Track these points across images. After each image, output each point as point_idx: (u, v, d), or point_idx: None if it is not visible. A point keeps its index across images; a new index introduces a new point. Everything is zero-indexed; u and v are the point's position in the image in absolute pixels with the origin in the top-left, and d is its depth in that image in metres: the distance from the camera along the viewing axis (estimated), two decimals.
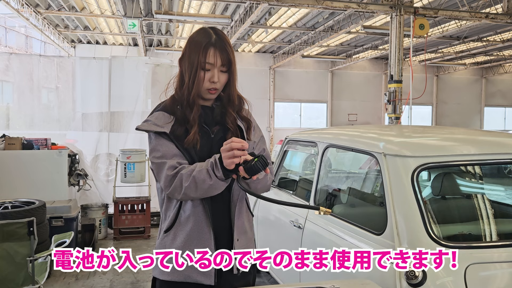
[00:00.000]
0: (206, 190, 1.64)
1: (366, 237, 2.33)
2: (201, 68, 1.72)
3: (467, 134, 2.82)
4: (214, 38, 1.73)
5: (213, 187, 1.63)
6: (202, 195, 1.67)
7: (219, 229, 1.76)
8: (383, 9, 10.30)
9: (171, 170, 1.67)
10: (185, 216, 1.74)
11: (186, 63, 1.76)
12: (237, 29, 13.54)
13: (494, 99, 25.14)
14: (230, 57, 1.74)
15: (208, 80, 1.73)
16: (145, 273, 4.71)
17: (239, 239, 1.78)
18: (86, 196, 6.45)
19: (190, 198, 1.69)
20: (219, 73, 1.74)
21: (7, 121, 8.14)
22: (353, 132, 3.22)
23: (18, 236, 2.89)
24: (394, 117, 10.20)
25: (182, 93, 1.77)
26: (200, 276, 1.70)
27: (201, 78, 1.73)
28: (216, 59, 1.71)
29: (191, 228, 1.72)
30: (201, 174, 1.61)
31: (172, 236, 1.75)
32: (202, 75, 1.73)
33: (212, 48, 1.71)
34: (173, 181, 1.66)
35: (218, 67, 1.73)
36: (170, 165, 1.68)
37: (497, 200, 3.05)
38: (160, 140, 1.73)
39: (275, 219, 3.64)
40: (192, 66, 1.72)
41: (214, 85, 1.74)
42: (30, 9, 12.44)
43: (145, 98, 8.03)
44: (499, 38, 16.32)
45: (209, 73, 1.73)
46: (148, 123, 1.77)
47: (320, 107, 22.93)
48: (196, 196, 1.67)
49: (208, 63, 1.71)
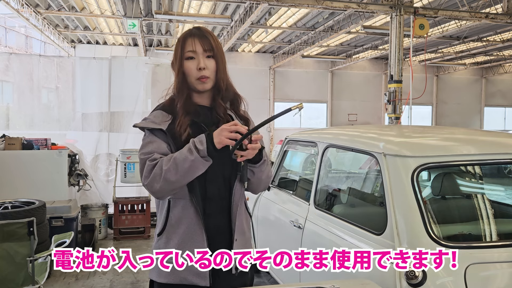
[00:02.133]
0: (186, 170, 1.59)
1: (366, 237, 2.33)
2: (184, 58, 1.74)
3: (467, 134, 2.82)
4: (193, 30, 1.77)
5: (194, 165, 1.59)
6: (182, 178, 1.62)
7: (215, 229, 1.75)
8: (383, 9, 10.31)
9: (152, 161, 1.67)
10: (176, 219, 1.73)
11: (174, 64, 1.79)
12: (237, 29, 13.54)
13: (494, 99, 25.13)
14: (211, 42, 1.75)
15: (195, 68, 1.73)
16: (145, 273, 4.71)
17: (237, 239, 1.77)
18: (86, 196, 6.45)
19: (170, 185, 1.63)
20: (205, 59, 1.74)
21: (7, 121, 8.13)
22: (353, 132, 3.22)
23: (18, 236, 2.89)
24: (394, 117, 10.20)
25: (176, 91, 1.78)
26: (195, 278, 1.70)
27: (188, 68, 1.74)
28: (195, 46, 1.73)
29: (184, 230, 1.71)
30: (182, 153, 1.61)
31: (165, 239, 1.75)
32: (189, 65, 1.74)
33: (190, 38, 1.75)
34: (153, 170, 1.64)
35: (201, 53, 1.74)
36: (154, 157, 1.68)
37: (497, 200, 3.05)
38: (153, 138, 1.73)
39: (275, 219, 3.64)
40: (176, 60, 1.76)
41: (203, 72, 1.73)
42: (30, 9, 12.43)
43: (145, 98, 8.04)
44: (499, 38, 16.32)
45: (194, 61, 1.74)
46: (146, 121, 1.78)
47: (320, 107, 22.93)
48: (176, 180, 1.61)
49: (190, 51, 1.73)
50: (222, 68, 1.78)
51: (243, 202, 1.85)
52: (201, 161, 1.59)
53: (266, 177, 1.82)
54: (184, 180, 1.63)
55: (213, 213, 1.75)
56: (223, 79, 1.79)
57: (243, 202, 1.85)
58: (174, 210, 1.74)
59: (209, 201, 1.74)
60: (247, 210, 1.90)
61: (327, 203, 3.08)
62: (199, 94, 1.80)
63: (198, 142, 1.60)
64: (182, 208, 1.73)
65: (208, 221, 1.73)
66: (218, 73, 1.78)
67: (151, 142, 1.72)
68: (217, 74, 1.78)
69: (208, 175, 1.70)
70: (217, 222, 1.76)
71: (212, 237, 1.74)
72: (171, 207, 1.75)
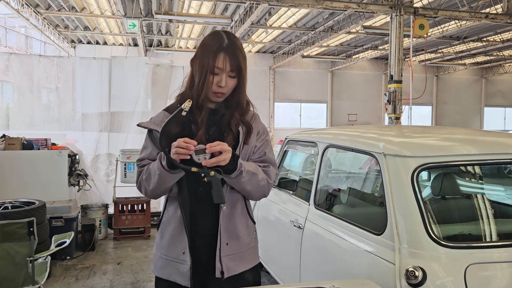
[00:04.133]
0: (157, 182, 1.70)
1: (366, 237, 2.33)
2: (211, 72, 1.72)
3: (467, 134, 2.82)
4: (226, 43, 1.73)
5: (161, 178, 1.67)
6: (157, 188, 1.72)
7: (204, 232, 1.77)
8: (383, 9, 10.31)
9: (141, 167, 1.78)
10: (167, 218, 1.83)
11: (197, 65, 1.77)
12: (237, 29, 13.55)
13: (494, 99, 25.15)
14: (240, 63, 1.74)
15: (215, 84, 1.73)
16: (145, 273, 4.71)
17: (229, 243, 1.76)
18: (86, 196, 6.45)
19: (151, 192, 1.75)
20: (227, 78, 1.74)
21: (7, 121, 8.13)
22: (353, 132, 3.22)
23: (18, 236, 2.88)
24: (394, 117, 10.21)
25: (192, 94, 1.77)
26: (178, 276, 1.77)
27: (210, 82, 1.73)
28: (225, 64, 1.72)
29: (172, 229, 1.80)
30: (154, 165, 1.70)
31: (160, 235, 1.85)
32: (211, 79, 1.73)
33: (222, 53, 1.71)
34: (139, 176, 1.78)
35: (227, 72, 1.73)
36: (143, 164, 1.78)
37: (497, 200, 3.05)
38: (147, 143, 1.82)
39: (275, 219, 3.64)
40: (202, 69, 1.73)
41: (221, 89, 1.74)
42: (30, 9, 12.44)
43: (145, 98, 8.04)
44: (499, 38, 16.33)
45: (217, 77, 1.73)
46: (149, 121, 1.84)
47: (320, 107, 22.94)
48: (152, 189, 1.73)
49: (217, 67, 1.72)
50: (243, 86, 1.80)
51: (241, 206, 1.82)
52: (167, 174, 1.66)
53: (254, 188, 1.75)
54: (161, 189, 1.74)
55: (203, 215, 1.78)
56: (242, 97, 1.81)
57: (241, 206, 1.82)
58: (168, 209, 1.84)
59: (201, 203, 1.77)
60: (249, 215, 1.88)
61: (327, 203, 3.08)
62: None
63: (162, 159, 1.66)
64: (174, 208, 1.80)
65: (198, 222, 1.78)
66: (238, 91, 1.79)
67: (145, 148, 1.82)
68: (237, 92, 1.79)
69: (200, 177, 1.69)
70: (206, 223, 1.77)
71: (201, 238, 1.77)
72: (167, 205, 1.85)
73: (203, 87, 1.73)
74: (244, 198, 1.84)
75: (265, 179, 1.78)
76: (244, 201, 1.84)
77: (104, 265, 4.99)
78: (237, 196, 1.80)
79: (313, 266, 2.81)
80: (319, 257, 2.74)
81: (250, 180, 1.72)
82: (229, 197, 1.78)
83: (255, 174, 1.73)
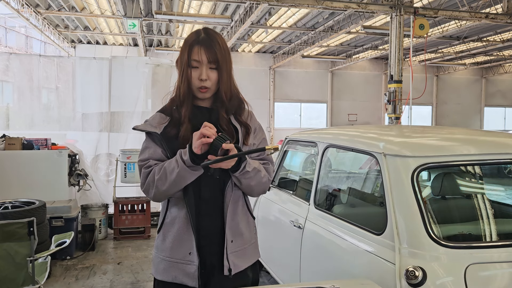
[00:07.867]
0: (174, 181, 1.65)
1: (366, 237, 2.33)
2: (188, 65, 1.73)
3: (467, 134, 2.82)
4: (202, 36, 1.75)
5: (181, 175, 1.64)
6: (172, 187, 1.67)
7: (209, 231, 1.77)
8: (383, 9, 10.31)
9: (147, 168, 1.73)
10: (171, 218, 1.79)
11: (178, 63, 1.79)
12: (237, 29, 13.55)
13: (494, 99, 25.15)
14: (217, 55, 1.72)
15: (197, 78, 1.73)
16: (145, 273, 4.71)
17: (233, 240, 1.77)
18: (86, 196, 6.45)
19: (163, 193, 1.70)
20: (208, 71, 1.73)
21: (7, 121, 8.13)
22: (353, 132, 3.22)
23: (18, 236, 2.89)
24: (394, 117, 10.20)
25: (177, 93, 1.79)
26: (185, 277, 1.74)
27: (189, 76, 1.73)
28: (201, 56, 1.72)
29: (176, 230, 1.76)
30: (171, 163, 1.66)
31: (162, 237, 1.81)
32: (189, 72, 1.73)
33: (197, 45, 1.72)
34: (147, 177, 1.71)
35: (206, 64, 1.73)
36: (149, 164, 1.73)
37: (497, 200, 3.05)
38: (150, 143, 1.77)
39: (275, 219, 3.64)
40: (182, 64, 1.75)
41: (204, 83, 1.73)
42: (30, 9, 12.44)
43: (145, 98, 8.04)
44: (499, 38, 16.33)
45: (197, 71, 1.73)
46: (145, 123, 1.82)
47: (320, 107, 22.94)
48: (166, 189, 1.68)
49: (194, 60, 1.72)
50: (225, 79, 1.76)
51: (242, 204, 1.84)
52: (187, 171, 1.63)
53: (257, 184, 1.77)
54: (175, 189, 1.69)
55: (207, 214, 1.77)
56: (225, 91, 1.77)
57: (242, 203, 1.84)
58: (171, 210, 1.80)
59: (204, 202, 1.76)
60: (249, 211, 1.89)
61: (327, 203, 3.08)
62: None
63: (183, 153, 1.63)
64: (178, 208, 1.77)
65: (202, 222, 1.76)
66: (220, 84, 1.76)
67: (148, 148, 1.77)
68: (220, 85, 1.76)
69: (202, 177, 1.70)
70: (210, 223, 1.77)
71: (205, 238, 1.76)
72: (169, 206, 1.81)
73: (183, 82, 1.74)
74: (244, 195, 1.85)
75: (266, 176, 1.81)
76: (244, 198, 1.86)
77: (104, 265, 4.99)
78: (239, 193, 1.81)
79: (313, 266, 2.81)
80: (319, 257, 2.74)
81: (255, 176, 1.74)
82: (232, 194, 1.78)
83: (259, 170, 1.77)
